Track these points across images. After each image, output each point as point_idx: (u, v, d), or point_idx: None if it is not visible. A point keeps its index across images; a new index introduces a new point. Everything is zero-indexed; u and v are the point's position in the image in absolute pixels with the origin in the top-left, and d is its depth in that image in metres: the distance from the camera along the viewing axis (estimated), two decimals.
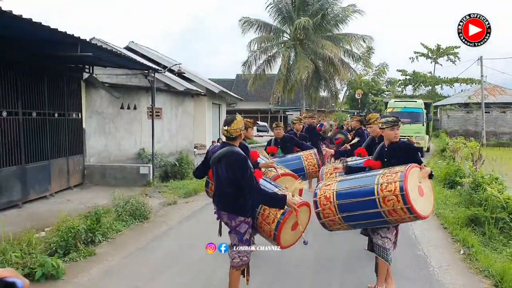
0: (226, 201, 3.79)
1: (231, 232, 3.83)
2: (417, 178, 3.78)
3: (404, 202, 3.56)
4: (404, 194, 3.54)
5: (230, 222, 3.79)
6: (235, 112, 28.35)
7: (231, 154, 3.67)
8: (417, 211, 3.57)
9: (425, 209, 3.72)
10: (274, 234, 3.78)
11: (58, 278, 4.68)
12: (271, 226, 3.78)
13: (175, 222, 7.43)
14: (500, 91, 35.18)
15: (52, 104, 9.19)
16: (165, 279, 4.78)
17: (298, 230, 3.85)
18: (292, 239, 3.96)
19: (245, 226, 3.76)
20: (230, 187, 3.70)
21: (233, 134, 3.74)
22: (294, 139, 7.46)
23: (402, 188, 3.56)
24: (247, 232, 3.79)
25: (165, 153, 12.78)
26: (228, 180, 3.69)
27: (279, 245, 3.85)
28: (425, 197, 3.78)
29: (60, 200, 8.73)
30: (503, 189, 7.75)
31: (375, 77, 38.33)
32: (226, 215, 3.80)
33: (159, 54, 18.41)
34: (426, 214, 3.74)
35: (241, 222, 3.74)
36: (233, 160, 3.65)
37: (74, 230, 5.52)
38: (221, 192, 3.82)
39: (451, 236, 6.41)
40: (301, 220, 3.82)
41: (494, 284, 4.61)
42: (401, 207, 3.59)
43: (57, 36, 6.68)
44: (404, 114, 18.57)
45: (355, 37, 25.58)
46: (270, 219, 3.80)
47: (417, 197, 3.65)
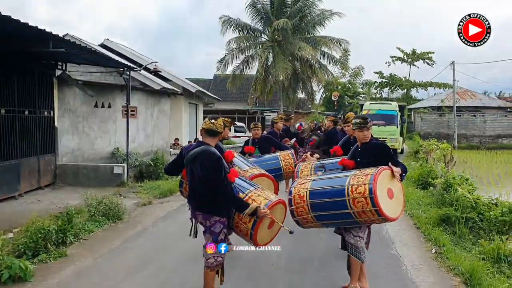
0: (201, 201, 3.74)
1: (206, 232, 3.79)
2: (388, 180, 3.80)
3: (373, 205, 3.59)
4: (373, 197, 3.58)
5: (204, 222, 3.75)
6: (213, 112, 28.28)
7: (206, 153, 3.63)
8: (385, 213, 3.61)
9: (394, 211, 3.76)
10: (250, 233, 3.76)
11: (26, 280, 4.54)
12: (248, 225, 3.76)
13: (150, 222, 7.32)
14: (470, 95, 36.30)
15: (23, 101, 8.91)
16: (138, 280, 4.70)
17: (275, 227, 3.87)
18: (269, 237, 3.95)
19: (220, 226, 3.72)
20: (204, 186, 3.66)
21: (218, 128, 3.75)
22: (272, 139, 7.46)
23: (371, 190, 3.59)
24: (221, 232, 3.75)
25: (140, 152, 12.60)
26: (203, 179, 3.64)
27: (255, 243, 3.83)
28: (394, 200, 3.80)
29: (30, 201, 8.47)
30: (473, 189, 8.00)
31: (352, 79, 38.82)
32: (201, 214, 3.76)
33: (135, 52, 18.18)
34: (395, 216, 3.78)
35: (215, 222, 3.71)
36: (208, 159, 3.60)
37: (44, 231, 5.36)
38: (195, 191, 3.78)
39: (423, 236, 6.54)
40: (278, 218, 3.82)
41: (463, 281, 4.73)
42: (370, 209, 3.63)
43: (28, 31, 6.48)
44: (379, 116, 18.89)
45: (332, 40, 25.85)
46: (246, 219, 3.76)
47: (386, 200, 3.68)
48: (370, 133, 4.28)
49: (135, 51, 18.60)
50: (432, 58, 38.07)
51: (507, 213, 6.56)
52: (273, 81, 25.28)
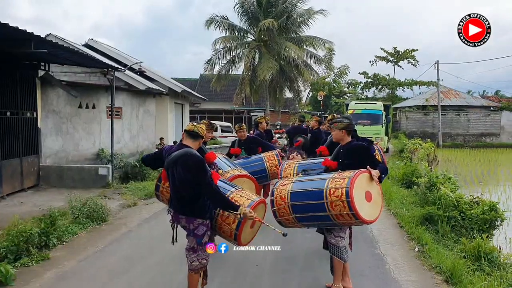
0: (183, 204, 3.72)
1: (189, 235, 3.78)
2: (366, 183, 3.84)
3: (350, 208, 3.64)
4: (349, 201, 3.62)
5: (188, 225, 3.74)
6: (199, 112, 28.08)
7: (189, 156, 3.62)
8: (362, 216, 3.66)
9: (371, 214, 3.81)
10: (235, 234, 3.80)
11: (7, 284, 4.48)
12: (232, 226, 3.80)
13: (135, 224, 7.27)
14: (454, 94, 36.83)
15: (4, 102, 8.77)
16: (122, 283, 4.67)
17: (255, 226, 3.97)
18: (250, 236, 4.05)
19: (203, 228, 3.72)
20: (186, 189, 3.65)
21: (200, 132, 3.79)
22: (258, 140, 7.46)
23: (348, 194, 3.63)
24: (205, 235, 3.75)
25: (125, 153, 12.50)
26: (185, 182, 3.63)
27: (239, 243, 3.88)
28: (372, 202, 3.85)
29: (12, 203, 8.35)
30: (455, 188, 8.12)
31: (337, 79, 39.03)
32: (184, 218, 3.74)
33: (120, 52, 18.01)
34: (372, 219, 3.83)
35: (199, 224, 3.70)
36: (191, 162, 3.59)
37: (26, 234, 5.29)
38: (177, 195, 3.75)
39: (407, 234, 6.63)
40: (259, 216, 3.90)
41: (444, 279, 4.81)
42: (347, 213, 3.68)
43: (8, 31, 6.37)
44: (364, 116, 19.09)
45: (317, 39, 25.99)
46: (230, 220, 3.80)
47: (363, 203, 3.73)
48: (336, 135, 4.33)
49: (120, 51, 18.44)
50: (415, 56, 38.43)
51: (487, 211, 6.66)
52: (259, 80, 25.32)
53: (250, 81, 26.14)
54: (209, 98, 26.95)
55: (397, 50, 38.71)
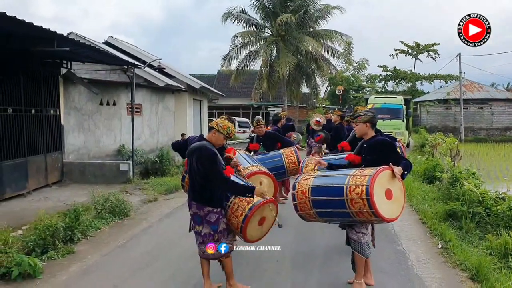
0: (195, 192, 3.99)
1: (203, 222, 3.96)
2: (387, 181, 3.76)
3: (369, 206, 3.59)
4: (369, 199, 3.57)
5: (198, 211, 3.96)
6: (217, 108, 28.13)
7: (202, 148, 3.91)
8: (382, 215, 3.60)
9: (392, 212, 3.73)
10: (241, 226, 3.96)
11: (36, 277, 4.60)
12: (239, 219, 3.96)
13: (155, 219, 7.37)
14: (478, 88, 35.93)
15: (29, 100, 8.97)
16: (144, 277, 4.74)
17: (265, 225, 4.12)
18: (258, 235, 4.17)
19: (215, 216, 3.92)
20: (199, 178, 3.91)
21: (219, 129, 4.01)
22: (276, 136, 7.45)
23: (368, 192, 3.58)
24: (220, 222, 3.94)
25: (145, 149, 12.65)
26: (197, 172, 3.89)
27: (245, 238, 4.05)
28: (393, 200, 3.76)
29: (37, 198, 8.55)
30: (480, 184, 7.93)
31: (355, 73, 38.54)
32: (195, 204, 3.98)
33: (139, 49, 18.17)
34: (393, 217, 3.76)
35: (209, 212, 3.91)
36: (203, 154, 3.87)
37: (52, 228, 5.42)
38: (192, 182, 4.04)
39: (429, 231, 6.52)
40: (268, 216, 4.06)
41: (470, 277, 4.71)
42: (367, 211, 3.63)
43: (32, 30, 6.50)
44: (384, 110, 18.77)
45: (335, 33, 25.73)
46: (238, 213, 3.98)
47: (383, 201, 3.66)
48: (361, 129, 4.26)
49: (139, 48, 18.61)
50: (437, 50, 37.69)
51: None
52: (277, 76, 25.21)
53: (268, 77, 26.06)
54: (226, 94, 26.98)
55: (417, 43, 38.02)
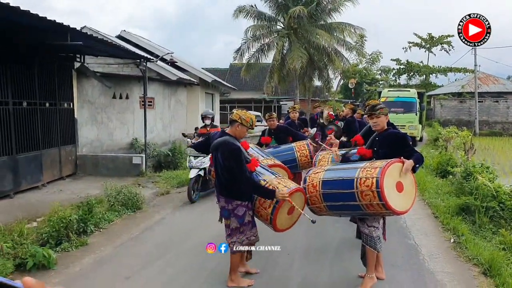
0: (222, 186, 4.07)
1: (230, 216, 4.02)
2: (397, 173, 3.74)
3: (380, 199, 3.58)
4: (379, 191, 3.55)
5: (226, 205, 4.02)
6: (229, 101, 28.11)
7: (226, 144, 3.93)
8: (392, 207, 3.58)
9: (403, 205, 3.71)
10: (270, 218, 3.98)
11: (50, 268, 4.69)
12: (268, 211, 3.99)
13: (168, 212, 7.43)
14: (493, 81, 35.28)
15: (43, 93, 9.09)
16: (156, 269, 4.80)
17: (294, 214, 4.08)
18: (288, 223, 4.17)
19: (243, 209, 3.98)
20: (225, 174, 3.97)
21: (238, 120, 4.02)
22: (288, 129, 7.42)
23: (378, 184, 3.56)
24: (247, 215, 4.00)
25: (158, 143, 12.75)
26: (224, 167, 3.95)
27: (275, 228, 4.06)
28: (404, 193, 3.74)
29: (52, 190, 8.69)
30: (494, 178, 7.82)
31: (368, 66, 38.16)
32: (223, 199, 4.05)
33: (151, 43, 18.26)
34: (403, 210, 3.74)
35: (237, 205, 3.97)
36: (227, 150, 3.91)
37: (66, 220, 5.50)
38: (219, 177, 4.10)
39: (441, 225, 6.47)
40: (297, 204, 3.95)
41: (482, 272, 4.67)
42: (377, 203, 3.62)
43: (46, 25, 6.58)
44: (398, 104, 18.58)
45: (348, 26, 25.46)
46: (266, 204, 4.00)
47: (394, 194, 3.64)
48: (382, 122, 4.20)
49: (151, 42, 18.70)
50: (451, 42, 37.04)
51: None
52: (289, 69, 25.08)
53: (280, 70, 25.96)
54: (238, 88, 26.98)
55: (431, 36, 37.42)
